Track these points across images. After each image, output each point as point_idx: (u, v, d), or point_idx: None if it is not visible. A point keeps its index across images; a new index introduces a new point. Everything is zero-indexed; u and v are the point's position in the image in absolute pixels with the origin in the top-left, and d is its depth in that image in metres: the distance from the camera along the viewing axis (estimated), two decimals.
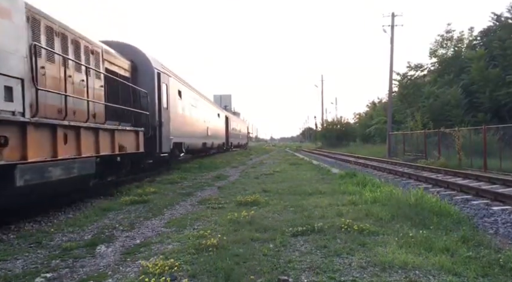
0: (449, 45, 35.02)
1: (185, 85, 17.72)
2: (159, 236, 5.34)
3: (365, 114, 57.02)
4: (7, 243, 5.19)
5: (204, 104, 23.21)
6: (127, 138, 9.83)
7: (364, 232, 5.06)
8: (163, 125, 12.72)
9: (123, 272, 3.92)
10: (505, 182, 10.54)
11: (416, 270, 3.75)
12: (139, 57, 12.21)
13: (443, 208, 6.23)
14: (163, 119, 12.72)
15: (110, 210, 7.33)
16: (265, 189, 9.55)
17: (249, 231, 5.28)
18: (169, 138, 13.41)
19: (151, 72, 12.33)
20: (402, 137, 27.07)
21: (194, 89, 20.37)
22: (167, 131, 13.23)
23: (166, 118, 13.24)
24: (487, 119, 24.00)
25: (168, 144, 13.23)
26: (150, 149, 11.74)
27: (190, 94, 18.76)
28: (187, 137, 17.08)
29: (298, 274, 3.71)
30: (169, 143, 13.41)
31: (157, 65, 12.98)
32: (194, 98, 19.65)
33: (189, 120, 17.79)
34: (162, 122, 12.58)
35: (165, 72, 13.67)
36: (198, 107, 20.31)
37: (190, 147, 18.03)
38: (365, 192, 8.15)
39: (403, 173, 14.64)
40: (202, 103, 22.17)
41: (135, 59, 11.97)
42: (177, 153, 15.61)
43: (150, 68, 12.34)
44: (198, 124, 20.47)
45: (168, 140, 13.33)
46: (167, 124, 13.29)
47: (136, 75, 11.88)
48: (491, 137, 16.82)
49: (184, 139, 16.32)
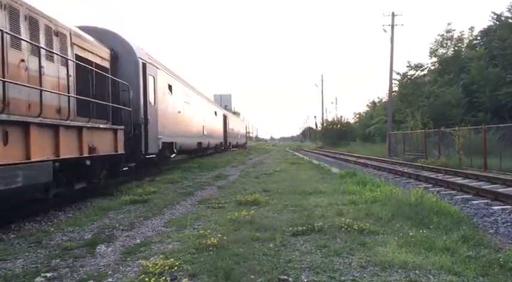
0: (449, 44, 35.01)
1: (177, 79, 16.26)
2: (159, 236, 5.34)
3: (365, 114, 57.01)
4: (7, 242, 5.19)
5: (200, 101, 21.92)
6: (100, 138, 8.29)
7: (364, 232, 5.06)
8: (150, 123, 11.41)
9: (123, 272, 3.92)
10: (505, 181, 10.53)
11: (416, 269, 3.75)
12: (122, 46, 10.68)
13: (444, 208, 6.23)
14: (149, 116, 11.38)
15: (110, 210, 7.33)
16: (265, 189, 9.55)
17: (249, 230, 5.28)
18: (157, 138, 12.19)
19: (135, 63, 10.86)
20: (402, 136, 27.07)
21: (188, 84, 19.04)
22: (154, 129, 11.96)
23: (154, 115, 11.94)
24: (487, 119, 24.00)
25: (155, 144, 11.99)
26: (134, 149, 10.43)
27: (184, 89, 17.40)
28: (179, 136, 15.82)
29: (298, 274, 3.71)
30: (157, 143, 12.17)
31: (143, 54, 11.57)
32: (188, 94, 18.29)
33: (181, 118, 16.42)
34: (148, 120, 11.24)
35: (152, 63, 12.24)
36: (192, 104, 19.02)
37: (183, 147, 16.78)
38: (365, 192, 8.16)
39: (403, 173, 14.64)
40: (197, 100, 20.85)
41: (116, 47, 10.45)
42: (167, 154, 14.33)
43: (134, 57, 10.86)
44: (193, 122, 19.13)
45: (156, 140, 12.09)
46: (154, 122, 12.00)
47: (117, 66, 10.38)
48: (492, 136, 16.83)
49: (175, 139, 15.06)
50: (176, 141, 15.15)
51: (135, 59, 10.92)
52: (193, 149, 20.31)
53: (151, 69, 12.08)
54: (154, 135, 11.96)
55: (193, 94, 19.70)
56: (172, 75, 15.36)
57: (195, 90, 20.59)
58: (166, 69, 14.63)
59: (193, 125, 19.38)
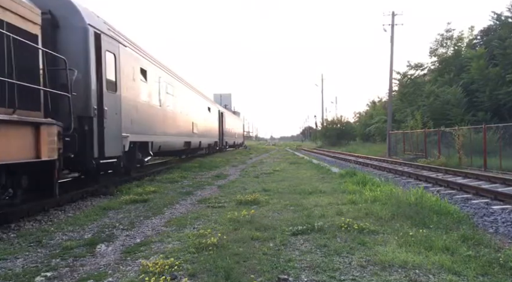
0: (449, 44, 34.98)
1: (156, 64, 12.96)
2: (159, 235, 5.34)
3: (365, 113, 57.02)
4: (7, 242, 5.19)
5: (189, 93, 18.62)
6: (7, 138, 5.33)
7: (364, 231, 5.07)
8: (108, 116, 8.48)
9: (123, 271, 3.92)
10: (505, 181, 10.54)
11: (416, 269, 3.76)
12: (63, 8, 7.85)
13: (443, 207, 6.23)
14: (107, 106, 8.45)
15: (110, 209, 7.33)
16: (265, 188, 9.55)
17: (249, 230, 5.28)
18: (120, 136, 9.30)
19: (82, 31, 7.93)
20: (402, 136, 27.07)
21: (173, 72, 15.62)
22: (115, 124, 9.03)
23: (115, 105, 9.01)
24: (487, 118, 24.00)
25: (117, 144, 9.08)
26: (80, 152, 7.59)
27: (166, 78, 14.07)
28: (158, 134, 12.90)
29: (298, 273, 3.72)
30: (120, 142, 9.28)
31: (98, 22, 8.57)
32: (172, 84, 14.87)
33: (161, 112, 13.38)
34: (104, 111, 8.34)
35: (112, 36, 9.17)
36: (178, 97, 15.86)
37: (164, 147, 13.88)
38: (365, 191, 8.16)
39: (403, 172, 14.64)
40: (184, 91, 17.40)
41: (55, 9, 7.68)
42: (139, 156, 11.27)
43: (81, 24, 7.93)
44: (179, 118, 15.91)
45: (118, 138, 9.20)
46: (115, 114, 9.06)
47: (55, 35, 7.72)
48: (491, 136, 16.84)
49: (152, 137, 12.18)
50: (153, 140, 12.32)
51: (83, 26, 7.96)
52: (178, 149, 16.92)
53: (111, 44, 9.00)
54: (116, 132, 9.06)
55: (179, 85, 16.35)
56: (147, 57, 12.01)
57: (182, 81, 17.31)
58: (138, 48, 11.34)
59: (180, 122, 16.19)
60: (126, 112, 9.83)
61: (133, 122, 10.44)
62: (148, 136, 11.84)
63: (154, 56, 13.12)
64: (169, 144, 14.61)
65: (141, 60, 11.41)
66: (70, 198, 8.25)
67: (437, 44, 35.62)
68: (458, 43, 34.30)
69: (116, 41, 9.38)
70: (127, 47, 10.22)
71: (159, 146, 13.03)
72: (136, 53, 11.05)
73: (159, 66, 13.39)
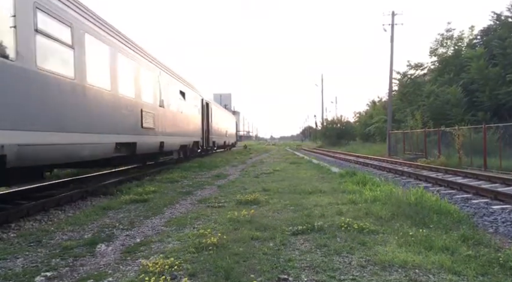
0: (449, 44, 34.93)
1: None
2: (159, 235, 5.34)
3: (365, 113, 56.97)
4: (7, 241, 5.19)
5: (141, 64, 11.56)
6: None
7: (364, 231, 5.06)
8: None
9: (123, 271, 3.92)
10: (504, 180, 10.54)
11: (416, 269, 3.76)
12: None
13: (443, 207, 6.23)
14: None
15: (110, 209, 7.33)
16: (265, 188, 9.54)
17: (249, 230, 5.28)
18: None
19: None
20: (402, 135, 27.06)
21: (108, 24, 9.20)
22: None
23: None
24: (487, 118, 23.99)
25: None
26: None
27: (91, 38, 8.11)
28: (53, 129, 6.67)
29: (298, 273, 3.72)
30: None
31: None
32: (101, 48, 8.76)
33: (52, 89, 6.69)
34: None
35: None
36: (104, 63, 8.97)
37: (54, 154, 6.83)
38: (365, 191, 8.16)
39: (403, 172, 14.64)
40: (129, 63, 10.57)
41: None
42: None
43: None
44: (118, 103, 9.57)
45: None
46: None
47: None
48: (491, 135, 16.84)
49: (33, 137, 6.09)
50: (37, 141, 6.22)
51: None
52: (107, 156, 9.12)
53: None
54: None
55: (123, 47, 10.11)
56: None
57: (131, 44, 10.84)
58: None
59: (118, 108, 9.62)
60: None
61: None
62: (26, 135, 5.88)
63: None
64: (69, 149, 7.30)
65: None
66: (70, 198, 8.26)
67: (438, 44, 35.59)
68: (459, 43, 34.27)
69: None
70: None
71: (59, 150, 6.94)
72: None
73: None
